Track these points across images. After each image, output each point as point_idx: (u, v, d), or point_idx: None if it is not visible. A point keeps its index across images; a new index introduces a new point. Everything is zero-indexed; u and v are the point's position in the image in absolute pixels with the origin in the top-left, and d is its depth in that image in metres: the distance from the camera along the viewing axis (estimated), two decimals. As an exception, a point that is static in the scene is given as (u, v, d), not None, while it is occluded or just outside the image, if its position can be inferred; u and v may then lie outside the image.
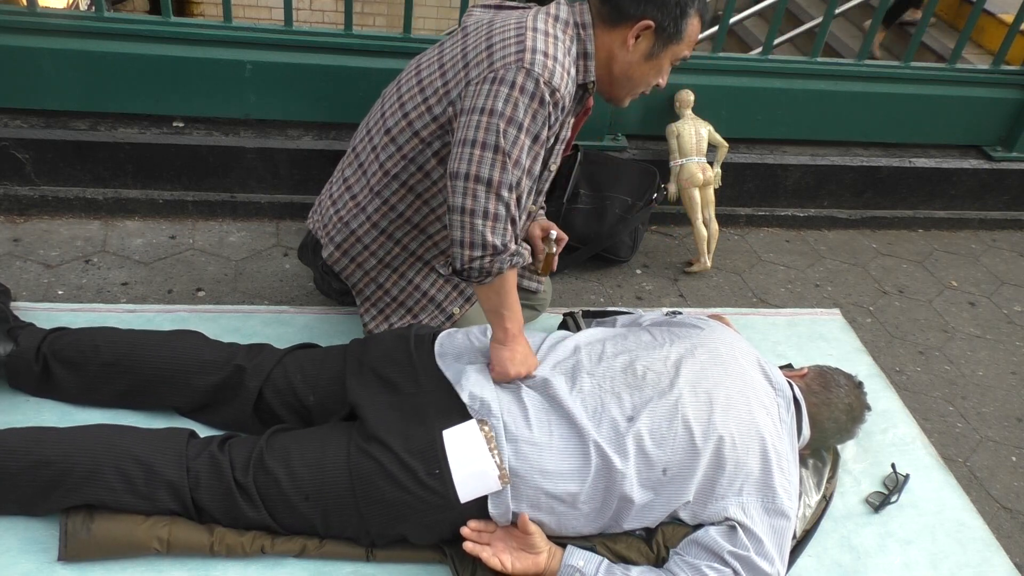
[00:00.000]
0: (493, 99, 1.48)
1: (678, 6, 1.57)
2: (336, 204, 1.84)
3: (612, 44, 1.61)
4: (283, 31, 2.40)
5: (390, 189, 1.74)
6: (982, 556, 1.81)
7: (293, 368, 1.71)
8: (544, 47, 1.50)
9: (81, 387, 1.73)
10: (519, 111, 1.47)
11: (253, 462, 1.51)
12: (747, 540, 1.49)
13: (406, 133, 1.68)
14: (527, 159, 1.51)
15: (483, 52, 1.54)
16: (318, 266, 2.09)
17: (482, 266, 1.51)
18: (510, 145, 1.48)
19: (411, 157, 1.69)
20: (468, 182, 1.48)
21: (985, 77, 3.00)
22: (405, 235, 1.80)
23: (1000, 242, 3.14)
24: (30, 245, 2.30)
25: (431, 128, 1.64)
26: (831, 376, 1.84)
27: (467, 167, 1.48)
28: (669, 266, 2.68)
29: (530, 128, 1.49)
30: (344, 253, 1.84)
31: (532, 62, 1.47)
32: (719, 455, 1.53)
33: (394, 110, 1.71)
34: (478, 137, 1.47)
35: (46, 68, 2.30)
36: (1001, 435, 2.23)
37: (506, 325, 1.58)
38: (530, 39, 1.50)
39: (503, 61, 1.49)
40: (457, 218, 1.49)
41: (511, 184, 1.49)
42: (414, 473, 1.48)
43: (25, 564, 1.47)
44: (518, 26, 1.54)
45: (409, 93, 1.68)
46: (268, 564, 1.54)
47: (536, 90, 1.48)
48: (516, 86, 1.47)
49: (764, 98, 2.78)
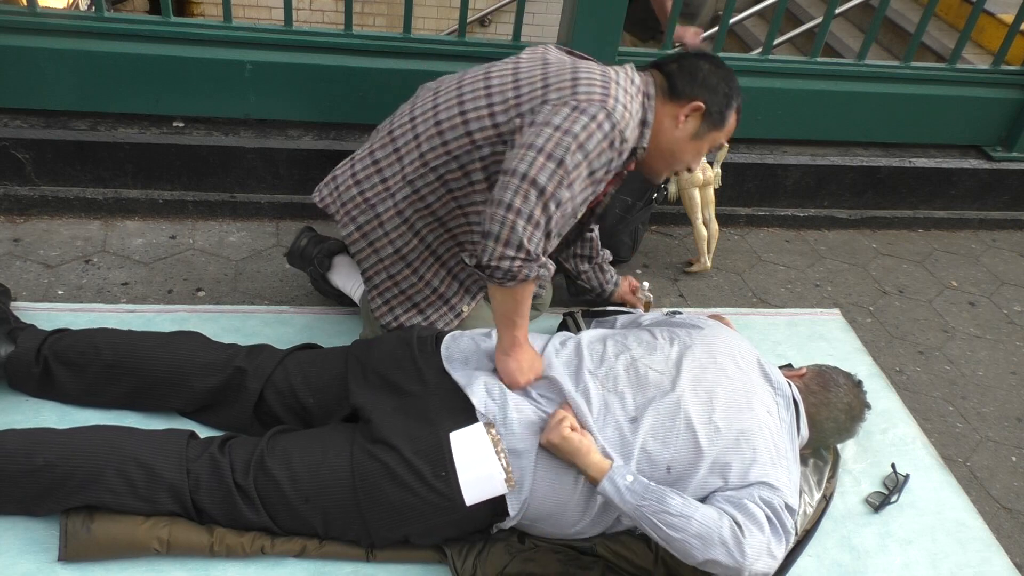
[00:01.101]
0: (571, 123, 1.53)
1: (726, 96, 1.69)
2: (361, 184, 1.80)
3: (664, 118, 1.69)
4: (283, 31, 2.40)
5: (424, 180, 1.72)
6: (982, 556, 1.81)
7: (294, 370, 1.71)
8: (624, 101, 1.59)
9: (82, 388, 1.73)
10: (591, 141, 1.53)
11: (254, 464, 1.51)
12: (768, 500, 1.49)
13: (458, 130, 1.67)
14: (579, 187, 1.56)
15: (567, 81, 1.60)
16: (310, 270, 2.09)
17: (510, 268, 1.51)
18: (572, 165, 1.52)
19: (456, 155, 1.68)
20: (523, 183, 1.49)
21: (985, 77, 3.00)
22: (426, 227, 1.79)
23: (1000, 242, 3.14)
24: (30, 245, 2.30)
25: (487, 133, 1.65)
26: (830, 375, 1.84)
27: (527, 168, 1.50)
28: (669, 266, 2.68)
29: (593, 161, 1.55)
30: (364, 236, 1.81)
31: (614, 108, 1.56)
32: (723, 452, 1.53)
33: (450, 105, 1.70)
34: (546, 147, 1.51)
35: (46, 68, 2.30)
36: (1001, 435, 2.23)
37: (515, 332, 1.59)
38: (613, 89, 1.59)
39: (587, 96, 1.56)
40: (501, 213, 1.50)
41: (560, 200, 1.52)
42: (420, 475, 1.48)
43: (25, 564, 1.47)
44: (603, 74, 1.62)
45: (472, 94, 1.68)
46: (268, 564, 1.54)
47: (611, 132, 1.55)
48: (595, 120, 1.54)
49: (764, 98, 2.78)
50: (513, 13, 2.59)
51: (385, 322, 1.88)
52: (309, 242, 2.09)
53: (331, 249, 2.07)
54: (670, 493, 1.45)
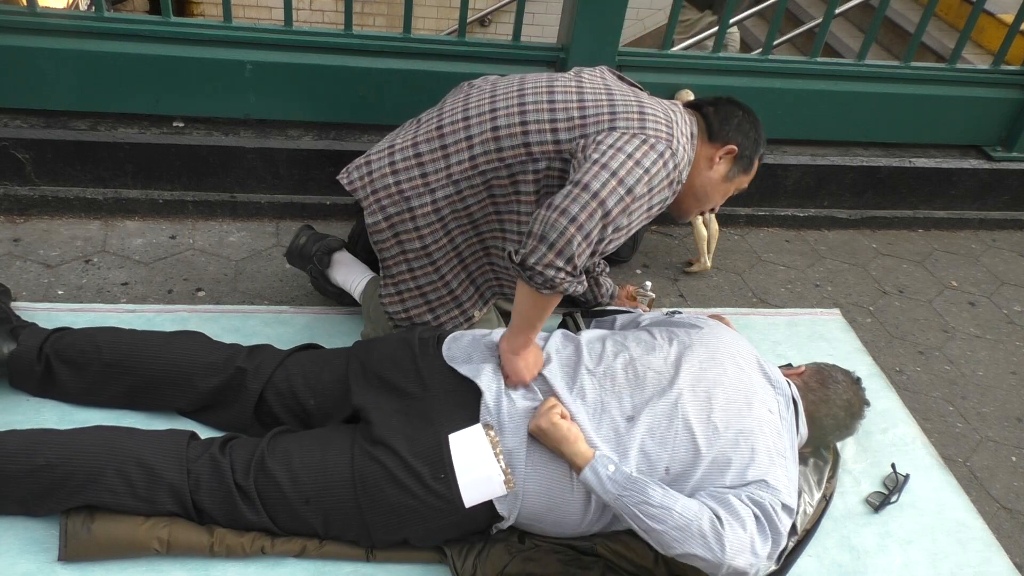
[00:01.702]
0: (642, 155, 1.56)
1: (755, 143, 1.76)
2: (398, 175, 1.75)
3: (701, 159, 1.73)
4: (283, 31, 2.40)
5: (470, 183, 1.71)
6: (982, 556, 1.81)
7: (294, 370, 1.71)
8: (684, 143, 1.65)
9: (82, 387, 1.73)
10: (656, 177, 1.57)
11: (254, 465, 1.51)
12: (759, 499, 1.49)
13: (516, 139, 1.67)
14: (637, 217, 1.58)
15: (635, 112, 1.63)
16: (310, 268, 2.09)
17: (554, 277, 1.50)
18: (639, 195, 1.54)
19: (509, 163, 1.68)
20: (593, 200, 1.49)
21: (985, 77, 3.00)
22: (458, 228, 1.77)
23: (1000, 242, 3.14)
24: (30, 245, 2.30)
25: (546, 148, 1.65)
26: (829, 373, 1.84)
27: (599, 188, 1.50)
28: (669, 266, 2.68)
29: (654, 196, 1.59)
30: (391, 227, 1.77)
31: (677, 149, 1.61)
32: (720, 453, 1.53)
33: (510, 112, 1.69)
34: (619, 172, 1.53)
35: (46, 68, 2.30)
36: (1001, 435, 2.23)
37: (530, 335, 1.61)
38: (676, 130, 1.64)
39: (655, 132, 1.60)
40: (563, 222, 1.48)
41: (618, 226, 1.54)
42: (419, 477, 1.48)
43: (25, 564, 1.47)
44: (666, 112, 1.66)
45: (535, 106, 1.68)
46: (268, 564, 1.54)
47: (673, 171, 1.60)
48: (662, 157, 1.57)
49: (764, 98, 2.78)
50: (513, 13, 2.59)
51: (393, 311, 1.87)
52: (308, 240, 2.09)
53: (330, 246, 2.07)
54: (652, 484, 1.45)
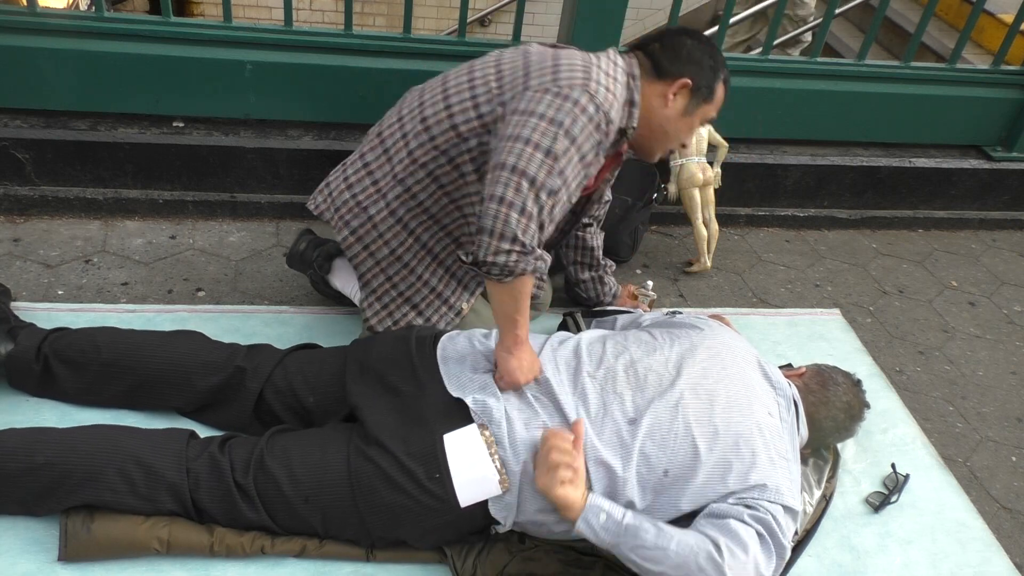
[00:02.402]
0: (555, 110, 1.53)
1: (712, 69, 1.70)
2: (353, 188, 1.82)
3: (653, 98, 1.70)
4: (283, 31, 2.40)
5: (415, 177, 1.73)
6: (982, 556, 1.81)
7: (293, 369, 1.71)
8: (607, 83, 1.60)
9: (81, 387, 1.73)
10: (576, 126, 1.53)
11: (253, 464, 1.51)
12: (762, 514, 1.48)
13: (444, 124, 1.68)
14: (571, 173, 1.56)
15: (548, 68, 1.60)
16: (310, 272, 2.09)
17: (507, 262, 1.51)
18: (561, 153, 1.52)
19: (444, 149, 1.69)
20: (514, 175, 1.50)
21: (985, 77, 3.00)
22: (420, 225, 1.79)
23: (1000, 242, 3.14)
24: (30, 245, 2.30)
25: (472, 124, 1.65)
26: (829, 375, 1.84)
27: (516, 160, 1.50)
28: (669, 266, 2.68)
29: (582, 146, 1.56)
30: (358, 239, 1.82)
31: (596, 91, 1.57)
32: (721, 456, 1.52)
33: (436, 100, 1.71)
34: (533, 137, 1.51)
35: (46, 68, 2.30)
36: (1001, 435, 2.23)
37: (517, 331, 1.59)
38: (595, 72, 1.59)
39: (569, 81, 1.56)
40: (494, 207, 1.50)
41: (552, 189, 1.52)
42: (414, 476, 1.47)
43: (25, 564, 1.47)
44: (584, 59, 1.63)
45: (457, 87, 1.69)
46: (268, 564, 1.54)
47: (596, 114, 1.56)
48: (579, 105, 1.54)
49: (764, 98, 2.78)
50: (513, 13, 2.59)
51: (384, 328, 1.88)
52: (308, 245, 2.09)
53: (330, 252, 2.07)
54: (645, 525, 1.44)
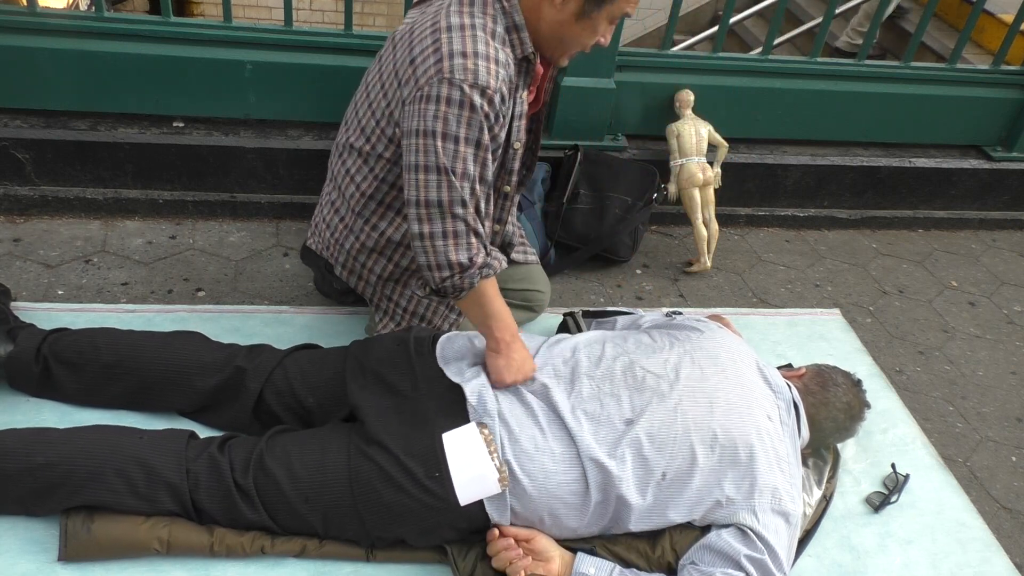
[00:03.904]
0: (422, 119, 1.47)
1: None
2: (330, 227, 1.86)
3: (540, 5, 1.54)
4: (283, 31, 2.40)
5: (369, 209, 1.76)
6: (982, 556, 1.81)
7: (293, 369, 1.71)
8: (461, 47, 1.46)
9: (81, 388, 1.73)
10: (451, 125, 1.46)
11: (253, 464, 1.51)
12: (761, 544, 1.49)
13: (372, 155, 1.69)
14: (475, 167, 1.51)
15: (408, 68, 1.53)
16: (320, 266, 2.09)
17: (453, 284, 1.54)
18: (451, 161, 1.48)
19: (382, 177, 1.70)
20: (420, 208, 1.50)
21: (985, 77, 3.00)
22: (394, 252, 1.82)
23: (1000, 242, 3.14)
24: (30, 245, 2.30)
25: (391, 149, 1.66)
26: (829, 375, 1.84)
27: (416, 193, 1.50)
28: (669, 266, 2.68)
29: (468, 137, 1.48)
30: (350, 272, 1.88)
31: (451, 69, 1.45)
32: (720, 459, 1.53)
33: (357, 134, 1.72)
34: (419, 161, 1.49)
35: (46, 68, 2.30)
36: (1001, 435, 2.23)
37: (496, 335, 1.58)
38: (445, 43, 1.46)
39: (426, 76, 1.47)
40: (419, 244, 1.52)
41: (462, 199, 1.51)
42: (413, 476, 1.47)
43: (25, 564, 1.47)
44: (433, 29, 1.50)
45: (366, 117, 1.69)
46: (268, 564, 1.54)
47: (463, 98, 1.45)
48: (442, 100, 1.45)
49: (764, 98, 2.78)
50: (513, 13, 2.59)
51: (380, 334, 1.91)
52: None
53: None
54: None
